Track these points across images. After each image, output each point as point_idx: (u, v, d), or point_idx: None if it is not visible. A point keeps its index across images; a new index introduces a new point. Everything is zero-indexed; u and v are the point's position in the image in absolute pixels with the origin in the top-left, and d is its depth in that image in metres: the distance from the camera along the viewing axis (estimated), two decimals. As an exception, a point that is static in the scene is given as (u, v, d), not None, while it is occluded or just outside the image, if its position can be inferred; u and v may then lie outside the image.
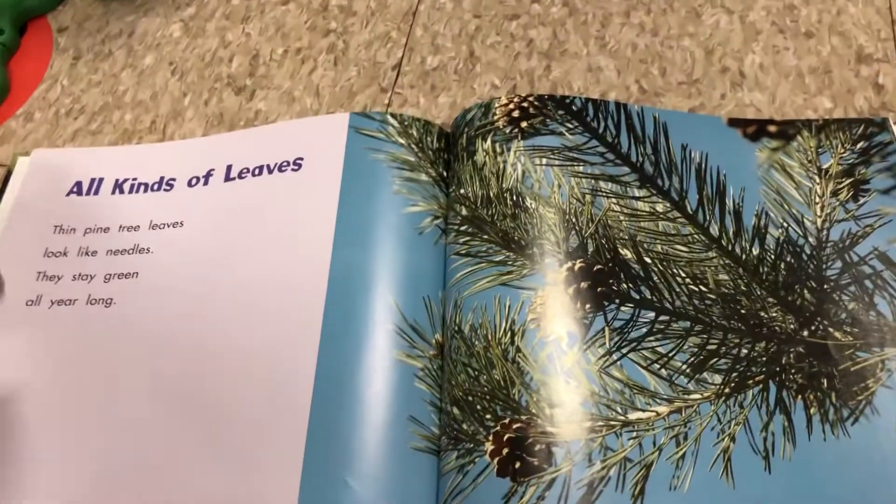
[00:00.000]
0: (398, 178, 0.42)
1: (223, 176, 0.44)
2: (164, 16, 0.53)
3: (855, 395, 0.35)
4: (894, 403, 0.35)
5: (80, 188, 0.45)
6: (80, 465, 0.35)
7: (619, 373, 0.36)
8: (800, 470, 0.33)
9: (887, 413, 0.34)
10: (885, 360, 0.36)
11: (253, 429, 0.35)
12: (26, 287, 0.41)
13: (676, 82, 0.47)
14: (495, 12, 0.51)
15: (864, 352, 0.36)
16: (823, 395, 0.35)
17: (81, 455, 0.36)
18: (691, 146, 0.42)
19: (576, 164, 0.41)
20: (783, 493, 0.33)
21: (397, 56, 0.50)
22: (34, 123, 0.49)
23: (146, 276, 0.41)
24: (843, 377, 0.35)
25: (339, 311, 0.38)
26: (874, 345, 0.36)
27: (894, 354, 0.36)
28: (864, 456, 0.33)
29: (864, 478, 0.33)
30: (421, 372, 0.36)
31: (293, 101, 0.48)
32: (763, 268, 0.38)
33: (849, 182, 0.41)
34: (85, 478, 0.35)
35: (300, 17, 0.52)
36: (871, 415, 0.34)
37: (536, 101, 0.43)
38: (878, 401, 0.35)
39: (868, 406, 0.35)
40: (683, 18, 0.50)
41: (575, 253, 0.39)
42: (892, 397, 0.35)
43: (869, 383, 0.35)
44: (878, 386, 0.35)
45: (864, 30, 0.48)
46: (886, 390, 0.35)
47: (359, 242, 0.40)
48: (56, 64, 0.52)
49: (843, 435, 0.34)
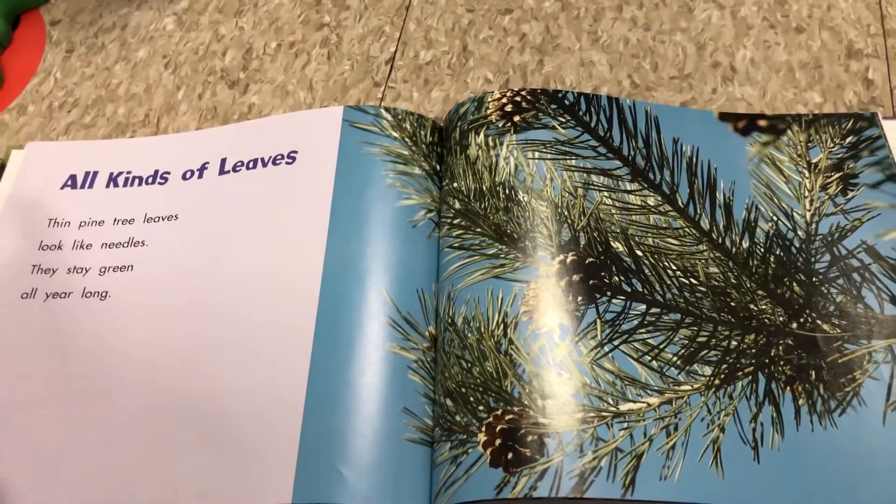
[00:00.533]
0: (392, 171, 0.42)
1: (217, 169, 0.44)
2: (157, 9, 0.53)
3: (842, 387, 0.35)
4: (881, 395, 0.35)
5: (75, 181, 0.45)
6: (75, 458, 0.36)
7: (610, 364, 0.36)
8: (788, 460, 0.34)
9: (874, 404, 0.35)
10: (872, 352, 0.36)
11: (248, 420, 0.36)
12: (21, 280, 0.41)
13: (668, 77, 0.47)
14: (488, 7, 0.51)
15: (851, 344, 0.36)
16: (811, 386, 0.35)
17: (76, 448, 0.36)
18: (682, 140, 0.43)
19: (568, 158, 0.42)
20: (771, 483, 0.33)
21: (391, 50, 0.50)
22: (27, 116, 0.49)
23: (141, 269, 0.41)
24: (831, 369, 0.36)
25: (333, 303, 0.38)
26: (861, 337, 0.37)
27: (881, 346, 0.36)
28: (851, 447, 0.34)
29: (851, 468, 0.34)
30: (415, 364, 0.37)
31: (287, 94, 0.48)
32: (753, 261, 0.39)
33: (838, 176, 0.41)
34: (80, 471, 0.35)
35: (294, 11, 0.53)
36: (858, 406, 0.35)
37: (529, 96, 0.44)
38: (865, 392, 0.35)
39: (855, 397, 0.35)
40: (675, 13, 0.50)
41: (567, 246, 0.39)
42: (878, 389, 0.35)
43: (856, 375, 0.36)
44: (865, 378, 0.36)
45: (854, 25, 0.48)
46: (873, 382, 0.35)
47: (353, 235, 0.40)
48: (49, 57, 0.52)
49: (830, 426, 0.34)
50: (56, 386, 0.38)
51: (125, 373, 0.38)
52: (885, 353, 0.36)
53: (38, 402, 0.37)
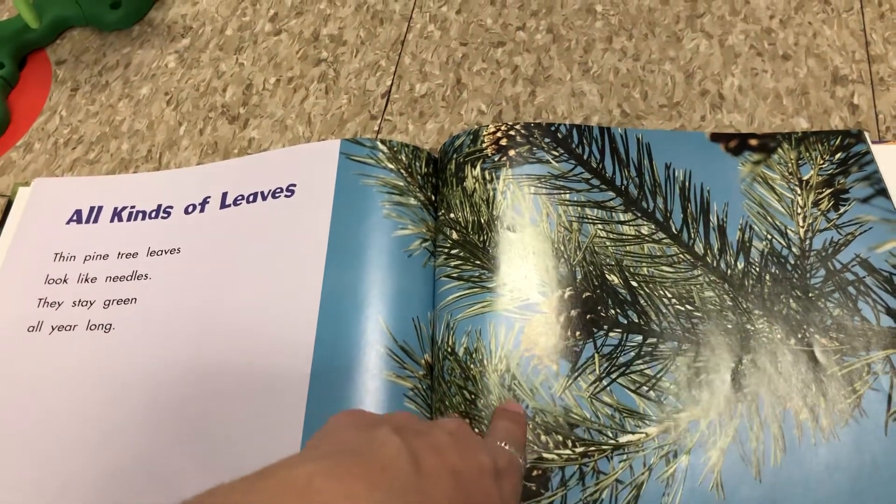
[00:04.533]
0: (388, 202, 0.43)
1: (219, 203, 0.45)
2: (159, 47, 0.55)
3: (843, 399, 0.36)
4: (881, 405, 0.36)
5: (80, 216, 0.46)
6: (79, 488, 0.36)
7: (609, 398, 0.37)
8: (790, 475, 0.34)
9: (875, 415, 0.35)
10: (871, 364, 0.37)
11: (248, 449, 0.36)
12: (28, 313, 0.42)
13: (658, 105, 0.48)
14: (481, 40, 0.53)
15: (850, 356, 0.37)
16: (813, 400, 0.36)
17: (81, 478, 0.37)
18: (675, 164, 0.44)
19: (563, 192, 0.43)
20: (774, 498, 0.34)
21: (387, 84, 0.51)
22: (34, 154, 0.50)
23: (145, 302, 0.42)
24: (832, 382, 0.36)
25: (330, 333, 0.39)
26: (860, 349, 0.37)
27: (879, 358, 0.37)
28: (855, 458, 0.35)
29: (855, 479, 0.34)
30: (411, 392, 0.37)
31: (286, 128, 0.50)
32: (748, 280, 0.39)
33: (829, 192, 0.42)
34: (84, 501, 0.36)
35: (292, 47, 0.54)
36: (859, 417, 0.35)
37: (523, 129, 0.45)
38: (866, 403, 0.36)
39: (857, 409, 0.36)
40: (664, 43, 0.51)
41: (564, 281, 0.40)
42: (879, 399, 0.36)
43: (856, 386, 0.36)
44: (866, 389, 0.36)
45: (840, 52, 0.49)
46: (873, 393, 0.36)
47: (350, 266, 0.41)
48: (55, 96, 0.53)
49: (833, 438, 0.35)
50: (61, 417, 0.38)
51: (128, 404, 0.39)
52: (883, 363, 0.37)
53: (44, 433, 0.38)
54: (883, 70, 0.48)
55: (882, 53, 0.49)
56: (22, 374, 0.40)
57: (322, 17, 0.55)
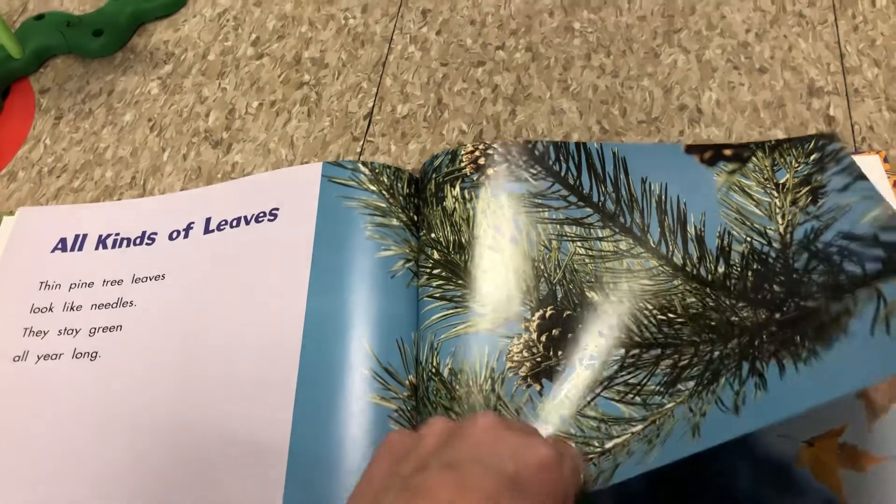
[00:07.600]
0: (370, 223, 0.43)
1: (202, 228, 0.45)
2: (142, 74, 0.55)
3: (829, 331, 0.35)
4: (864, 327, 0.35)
5: (65, 244, 0.46)
6: (67, 517, 0.36)
7: (593, 412, 0.37)
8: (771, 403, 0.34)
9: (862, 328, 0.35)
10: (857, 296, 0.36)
11: (234, 476, 0.37)
12: (13, 343, 0.42)
13: (637, 121, 0.49)
14: (461, 60, 0.53)
15: (836, 303, 0.37)
16: (797, 347, 0.36)
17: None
18: (651, 178, 0.44)
19: (541, 210, 0.43)
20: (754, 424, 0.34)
21: (368, 105, 0.52)
22: (18, 183, 0.50)
23: (130, 329, 0.42)
24: (817, 328, 0.36)
25: (314, 357, 0.39)
26: (846, 292, 0.37)
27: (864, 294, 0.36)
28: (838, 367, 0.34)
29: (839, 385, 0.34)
30: (395, 413, 0.38)
31: (269, 152, 0.50)
32: (730, 281, 0.40)
33: (806, 189, 0.42)
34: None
35: (274, 71, 0.54)
36: (843, 338, 0.35)
37: (500, 148, 0.45)
38: (851, 326, 0.35)
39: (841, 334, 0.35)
40: (642, 59, 0.52)
41: (546, 300, 0.40)
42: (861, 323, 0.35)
43: (842, 320, 0.36)
44: (850, 319, 0.36)
45: (815, 64, 0.50)
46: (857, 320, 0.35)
47: (333, 289, 0.41)
48: (38, 124, 0.53)
49: (814, 361, 0.34)
50: (47, 446, 0.38)
51: (114, 432, 0.39)
52: (868, 291, 0.36)
53: (30, 463, 0.38)
54: (858, 81, 0.49)
55: (856, 65, 0.50)
56: (7, 406, 0.40)
57: (304, 40, 0.56)
